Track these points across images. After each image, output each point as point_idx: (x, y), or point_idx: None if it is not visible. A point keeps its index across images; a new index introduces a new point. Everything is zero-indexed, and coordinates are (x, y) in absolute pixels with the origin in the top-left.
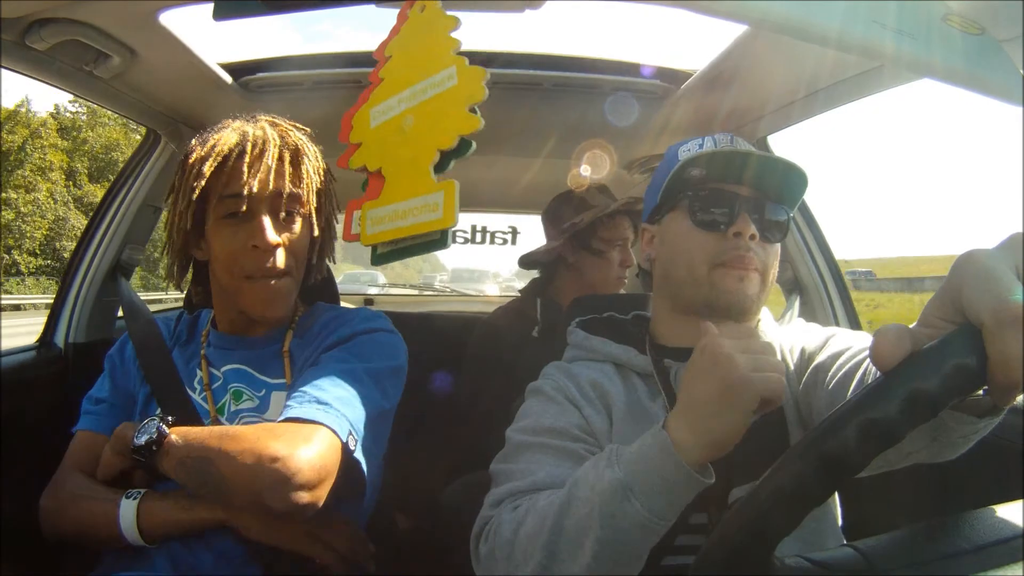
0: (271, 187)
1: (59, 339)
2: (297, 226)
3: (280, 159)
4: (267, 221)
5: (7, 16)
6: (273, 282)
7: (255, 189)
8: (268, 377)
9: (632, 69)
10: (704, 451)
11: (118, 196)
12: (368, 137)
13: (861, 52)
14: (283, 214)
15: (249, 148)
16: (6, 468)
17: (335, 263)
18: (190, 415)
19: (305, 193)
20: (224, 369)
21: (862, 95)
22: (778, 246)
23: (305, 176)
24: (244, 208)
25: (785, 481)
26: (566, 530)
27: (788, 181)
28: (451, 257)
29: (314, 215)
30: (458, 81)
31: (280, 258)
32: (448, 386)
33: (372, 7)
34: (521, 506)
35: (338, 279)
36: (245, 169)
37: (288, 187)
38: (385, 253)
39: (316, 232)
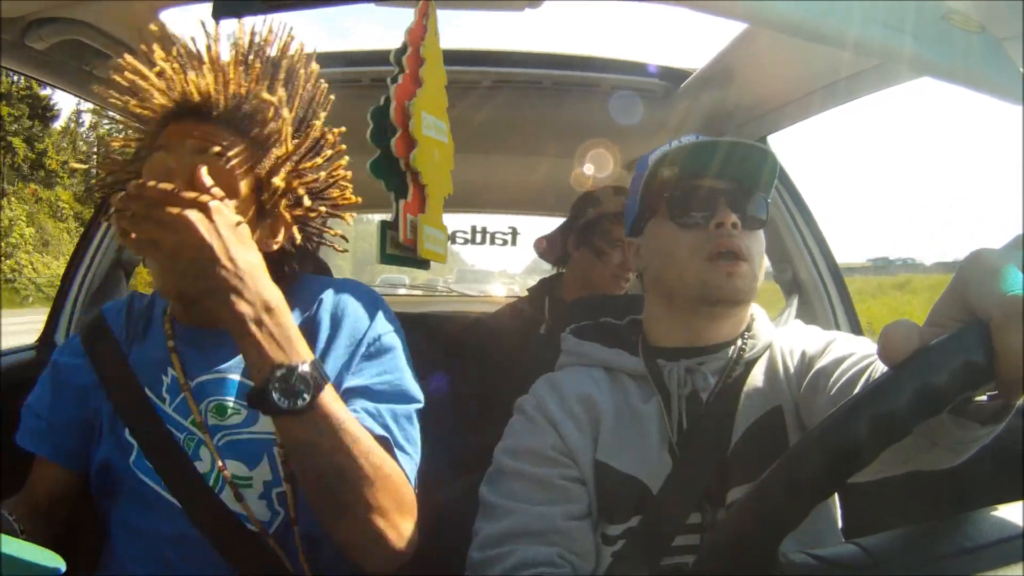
0: None
1: (59, 339)
2: None
3: None
4: None
5: (7, 16)
6: None
7: None
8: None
9: (633, 68)
10: None
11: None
12: (421, 142)
13: (861, 50)
14: None
15: None
16: (5, 468)
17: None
18: (162, 437)
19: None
20: (200, 380)
21: (862, 93)
22: (761, 233)
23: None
24: None
25: (795, 472)
26: None
27: (759, 166)
28: (456, 258)
29: None
30: (448, 141)
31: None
32: (448, 386)
33: (371, 6)
34: None
35: (375, 282)
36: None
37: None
38: (393, 256)
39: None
